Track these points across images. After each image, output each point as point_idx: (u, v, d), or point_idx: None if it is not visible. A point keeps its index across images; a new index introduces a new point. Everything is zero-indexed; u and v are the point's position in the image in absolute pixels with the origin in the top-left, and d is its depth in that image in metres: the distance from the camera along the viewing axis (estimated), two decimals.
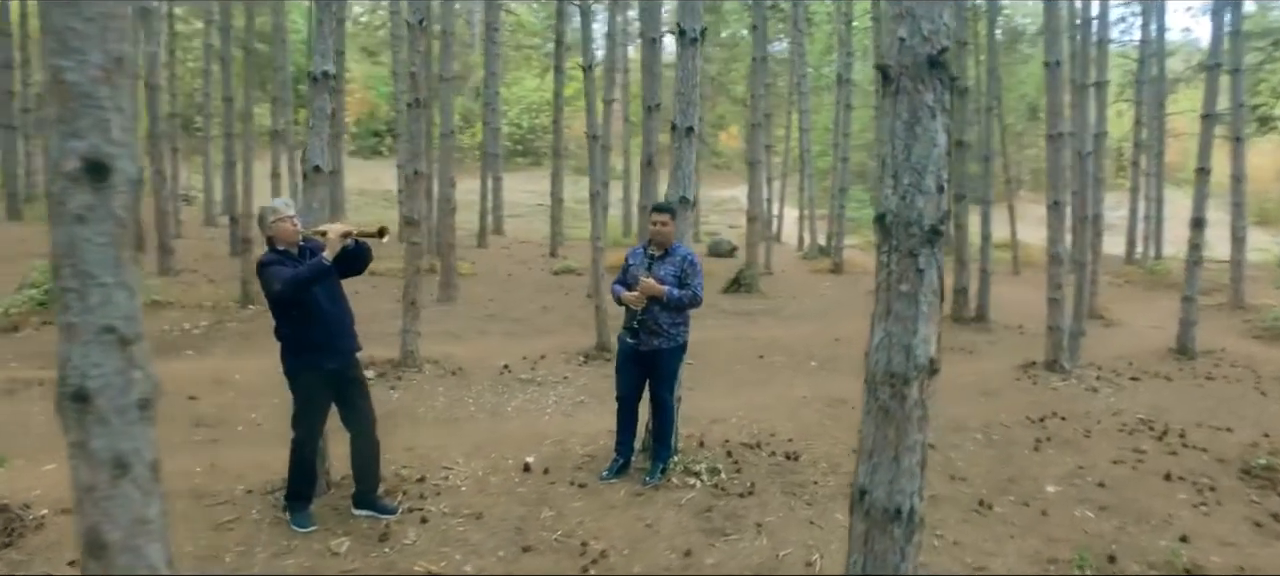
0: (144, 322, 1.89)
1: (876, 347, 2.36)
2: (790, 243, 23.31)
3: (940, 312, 2.36)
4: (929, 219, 2.28)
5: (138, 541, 1.82)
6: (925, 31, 2.27)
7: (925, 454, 2.38)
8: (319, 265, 3.91)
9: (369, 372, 7.43)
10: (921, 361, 2.29)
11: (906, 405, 2.30)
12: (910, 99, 2.28)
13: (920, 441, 2.33)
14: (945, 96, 2.30)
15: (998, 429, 6.51)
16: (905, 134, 2.30)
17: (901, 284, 2.31)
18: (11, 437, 5.60)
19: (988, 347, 10.01)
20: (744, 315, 11.80)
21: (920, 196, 2.29)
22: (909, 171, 2.29)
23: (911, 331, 2.29)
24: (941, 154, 2.30)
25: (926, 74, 2.27)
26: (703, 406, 6.96)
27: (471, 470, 5.20)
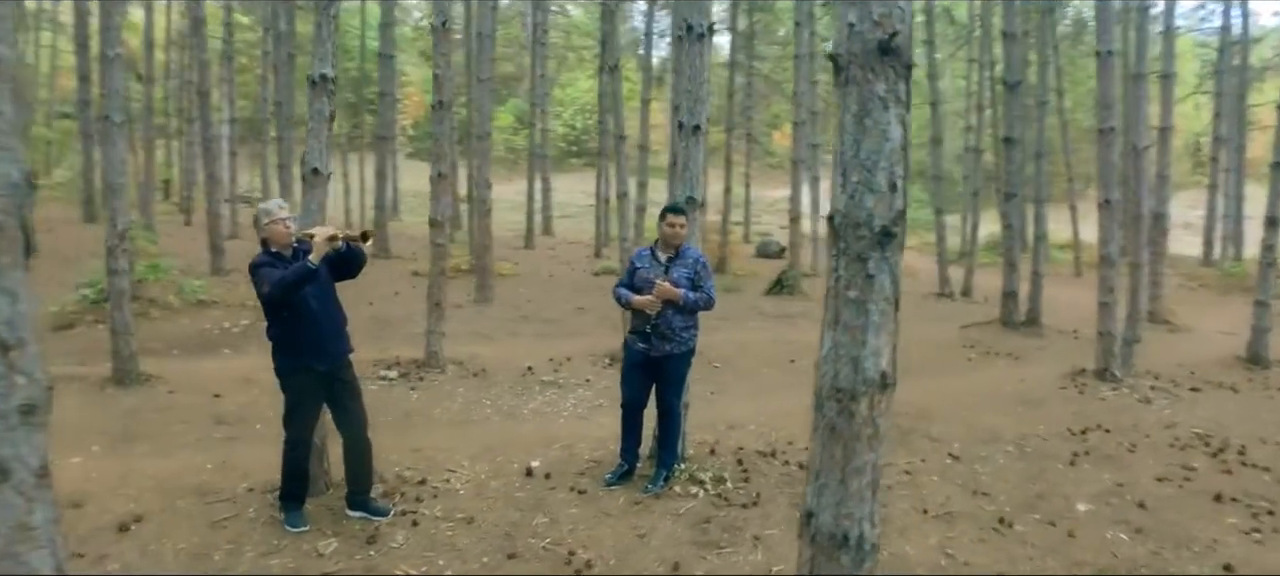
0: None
1: (824, 359, 2.19)
2: None
3: (895, 322, 2.16)
4: (880, 219, 2.10)
5: (19, 548, 1.78)
6: (876, 15, 2.09)
7: (878, 476, 2.18)
8: (303, 268, 3.92)
9: (391, 373, 7.52)
10: (871, 376, 2.11)
11: (854, 423, 2.12)
12: (860, 89, 2.11)
13: (871, 462, 2.14)
14: (900, 86, 2.12)
15: (1033, 441, 6.15)
16: (855, 127, 2.12)
17: (850, 290, 2.13)
18: None
19: (1036, 353, 9.53)
20: (783, 318, 11.53)
21: (870, 195, 2.10)
22: (858, 168, 2.11)
23: (860, 342, 2.11)
24: (895, 148, 2.11)
25: (877, 62, 2.09)
26: (722, 412, 6.79)
27: (474, 473, 5.16)
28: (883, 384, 2.13)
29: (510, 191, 28.96)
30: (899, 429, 6.34)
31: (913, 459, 5.68)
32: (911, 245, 20.60)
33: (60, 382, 6.96)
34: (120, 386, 6.74)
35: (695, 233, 5.34)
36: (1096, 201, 8.09)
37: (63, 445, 5.59)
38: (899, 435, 6.19)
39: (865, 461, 2.14)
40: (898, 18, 2.09)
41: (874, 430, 2.14)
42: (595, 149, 38.62)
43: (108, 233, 6.87)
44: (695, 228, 5.30)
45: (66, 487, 4.69)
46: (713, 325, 10.87)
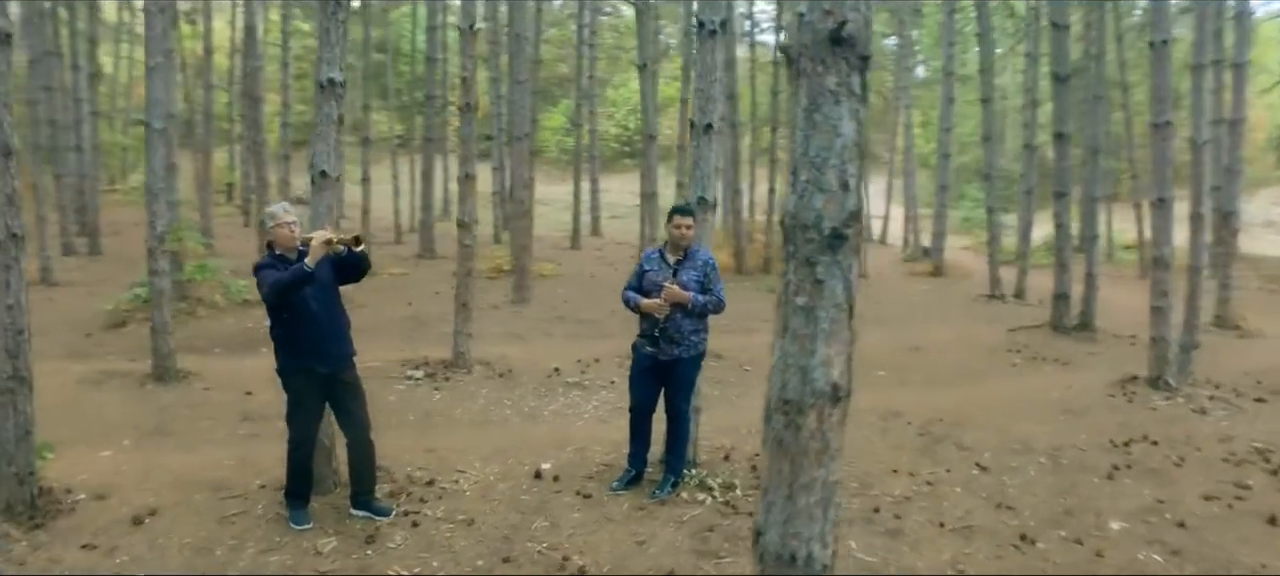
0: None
1: (774, 369, 2.08)
2: (899, 244, 22.23)
3: (849, 330, 2.03)
4: (830, 221, 1.98)
5: None
6: (827, 3, 1.97)
7: (830, 493, 2.06)
8: (299, 270, 3.97)
9: (417, 373, 7.61)
10: (820, 387, 1.99)
11: (801, 437, 2.00)
12: (810, 82, 1.99)
13: (821, 478, 2.02)
14: (854, 78, 1.99)
15: (1069, 452, 5.83)
16: (805, 123, 2.00)
17: (798, 296, 2.02)
18: (84, 424, 6.06)
19: (1086, 359, 9.08)
20: None
21: (820, 194, 1.99)
22: (808, 166, 2.00)
23: (808, 352, 1.99)
24: (847, 145, 1.99)
25: (828, 53, 1.97)
26: (746, 415, 6.64)
27: (484, 474, 5.16)
28: (834, 396, 2.00)
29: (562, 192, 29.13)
30: (929, 437, 6.11)
31: (937, 469, 5.45)
32: (966, 245, 19.96)
33: (105, 378, 7.27)
34: (159, 382, 6.98)
35: (707, 234, 5.23)
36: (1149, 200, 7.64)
37: (98, 438, 5.83)
38: (927, 444, 5.96)
39: (814, 478, 2.02)
40: (850, 6, 1.97)
41: (824, 445, 2.01)
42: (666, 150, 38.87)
43: (148, 235, 7.13)
44: (707, 229, 5.19)
45: (93, 480, 4.88)
46: (748, 326, 10.71)
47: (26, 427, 4.39)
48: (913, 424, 6.45)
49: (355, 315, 10.67)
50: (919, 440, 6.06)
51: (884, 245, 22.25)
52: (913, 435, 6.17)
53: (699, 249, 4.85)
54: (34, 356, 7.83)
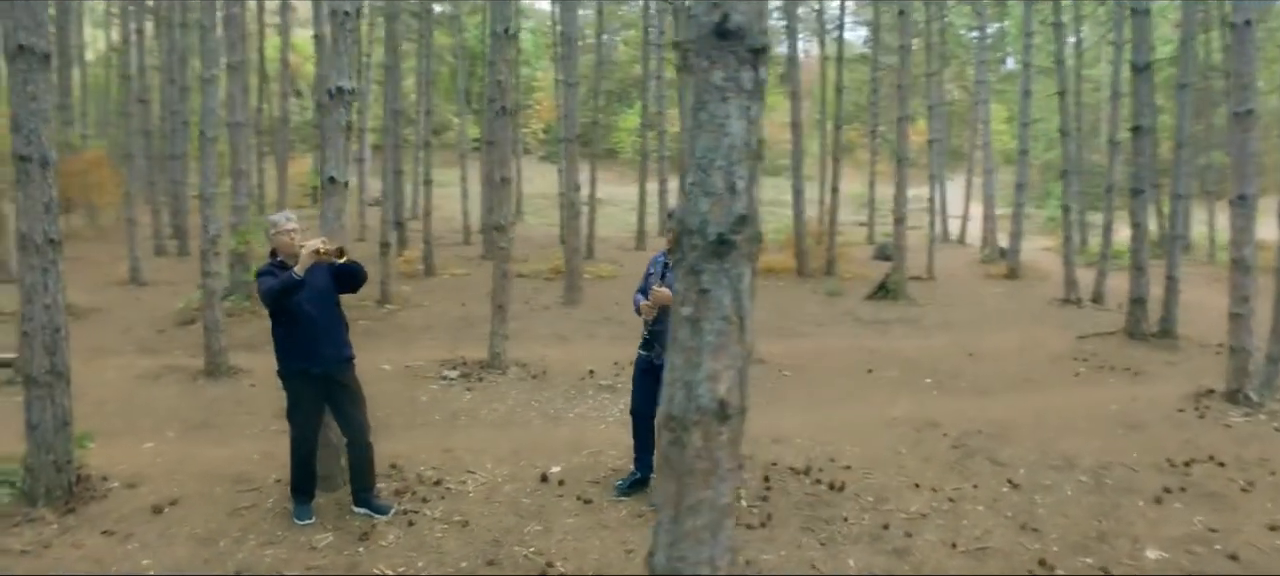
0: None
1: (666, 384, 1.98)
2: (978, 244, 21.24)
3: (741, 344, 1.91)
4: (716, 226, 1.87)
5: None
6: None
7: (721, 516, 1.94)
8: (287, 279, 4.11)
9: (452, 374, 7.75)
10: (705, 403, 1.88)
11: (686, 455, 1.90)
12: (698, 79, 1.89)
13: (709, 500, 1.91)
14: (744, 74, 1.88)
15: (1117, 471, 5.40)
16: (692, 122, 1.90)
17: (684, 307, 1.92)
18: (136, 416, 6.44)
19: (1161, 369, 8.41)
20: (877, 324, 10.87)
21: (705, 198, 1.88)
22: (694, 168, 1.89)
23: (693, 366, 1.89)
24: (735, 145, 1.87)
25: (714, 47, 1.87)
26: (774, 423, 6.46)
27: (492, 476, 5.19)
28: (721, 414, 1.89)
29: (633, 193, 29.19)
30: (963, 450, 5.78)
31: (963, 485, 5.14)
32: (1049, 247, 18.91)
33: (165, 372, 7.71)
34: (210, 378, 7.36)
35: None
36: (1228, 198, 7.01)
37: (145, 430, 6.18)
38: (959, 457, 5.64)
39: (701, 499, 1.91)
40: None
41: (711, 464, 1.90)
42: None
43: (201, 238, 7.51)
44: None
45: (130, 469, 5.17)
46: (798, 330, 10.44)
47: (64, 419, 4.68)
48: (949, 435, 6.12)
49: (410, 314, 11.02)
50: (952, 453, 5.75)
51: (963, 245, 21.31)
52: (946, 447, 5.86)
53: None
54: (108, 351, 8.37)
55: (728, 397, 1.90)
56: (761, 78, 1.90)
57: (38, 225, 4.53)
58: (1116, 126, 12.40)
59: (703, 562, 1.93)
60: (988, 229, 18.36)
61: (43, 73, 4.51)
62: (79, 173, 17.01)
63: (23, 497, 4.56)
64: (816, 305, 12.24)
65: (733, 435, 1.93)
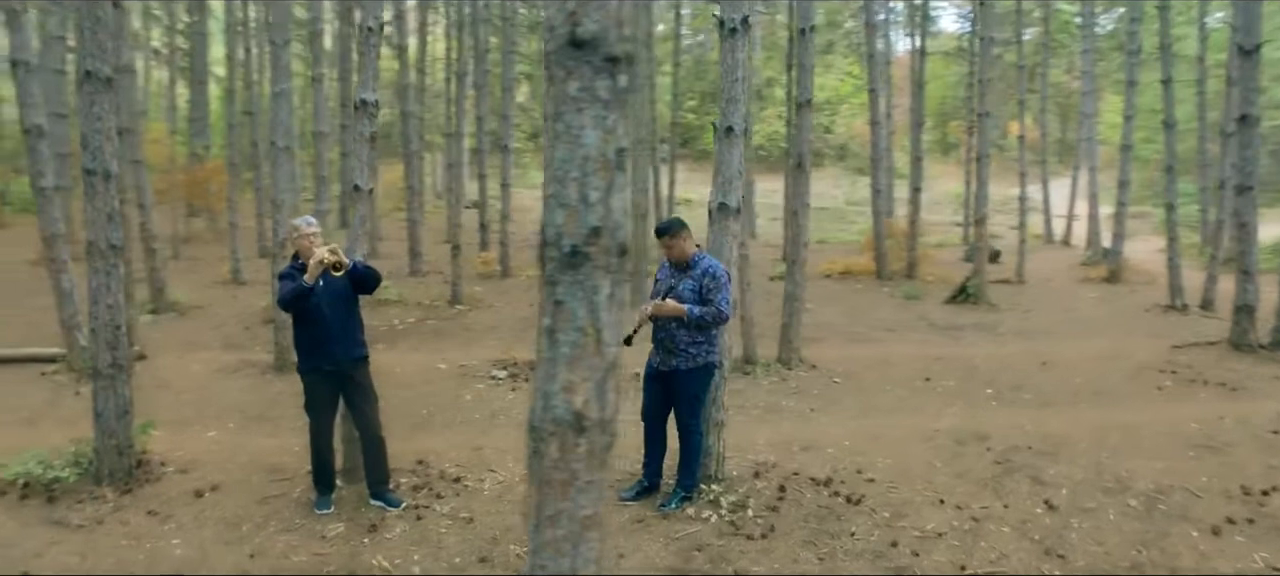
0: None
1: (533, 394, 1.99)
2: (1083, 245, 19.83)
3: (599, 356, 1.90)
4: (569, 238, 1.87)
5: None
6: (570, 6, 1.86)
7: (581, 528, 1.93)
8: (298, 287, 4.35)
9: (501, 373, 7.96)
10: (560, 415, 1.88)
11: (543, 466, 1.90)
12: (555, 89, 1.89)
13: (567, 512, 1.91)
14: (600, 84, 1.86)
15: (1176, 496, 4.95)
16: (550, 132, 1.91)
17: (543, 317, 1.92)
18: (204, 406, 6.97)
19: (1266, 385, 7.61)
20: (950, 329, 10.37)
21: (560, 209, 1.88)
22: (552, 179, 1.90)
23: (550, 376, 1.89)
24: (590, 156, 1.86)
25: (569, 57, 1.86)
26: (810, 431, 6.31)
27: (511, 475, 5.31)
28: (577, 425, 1.88)
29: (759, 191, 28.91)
30: (1005, 466, 5.45)
31: (994, 503, 4.86)
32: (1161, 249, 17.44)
33: (241, 367, 8.30)
34: (278, 373, 7.86)
35: (730, 242, 5.03)
36: None
37: (211, 420, 6.67)
38: (999, 473, 5.33)
39: (559, 510, 1.91)
40: (595, 6, 1.84)
41: (569, 475, 1.90)
42: (822, 150, 37.61)
43: (272, 241, 8.03)
44: (727, 237, 5.00)
45: (187, 456, 5.61)
46: (865, 334, 10.09)
47: (124, 407, 5.14)
48: (993, 449, 5.79)
49: (479, 315, 11.37)
50: (991, 469, 5.43)
51: (1068, 247, 19.96)
52: (986, 463, 5.54)
53: (703, 257, 4.68)
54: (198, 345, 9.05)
55: (584, 410, 1.89)
56: (620, 87, 1.88)
57: (102, 233, 4.98)
58: (1229, 116, 11.27)
59: (563, 573, 1.93)
60: (1092, 229, 17.12)
61: (106, 95, 4.96)
62: (201, 181, 18.55)
63: (89, 477, 5.04)
64: (890, 309, 11.79)
65: (592, 447, 1.91)
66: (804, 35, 7.87)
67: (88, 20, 4.83)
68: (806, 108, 7.98)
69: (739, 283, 8.86)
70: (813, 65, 7.95)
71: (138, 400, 6.92)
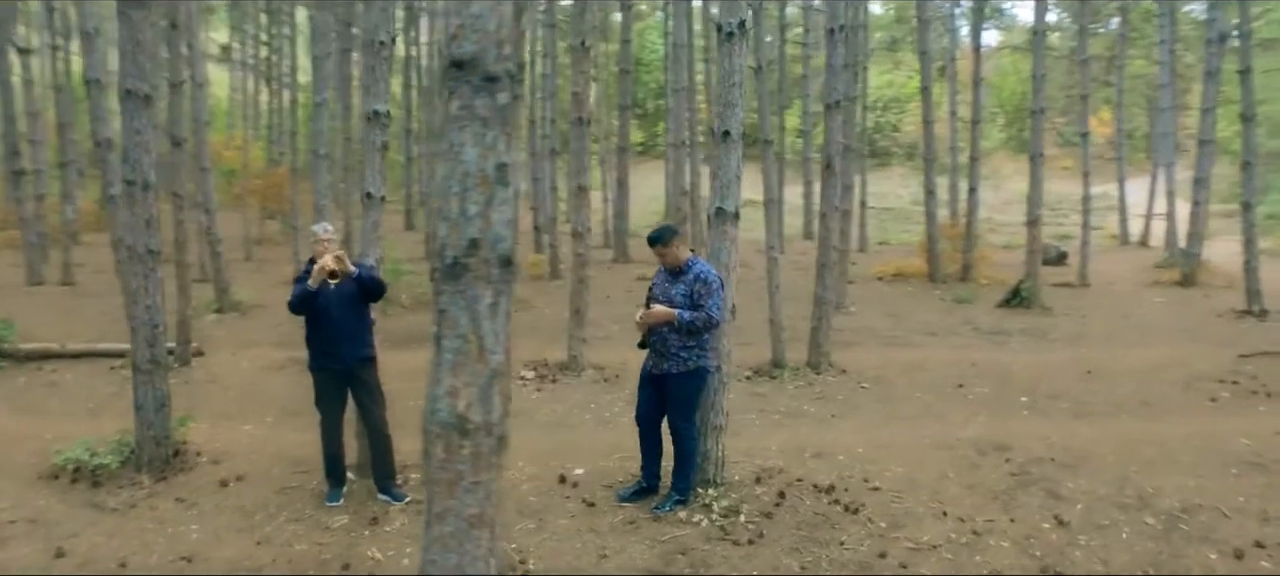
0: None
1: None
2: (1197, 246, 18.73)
3: (481, 362, 1.98)
4: (451, 250, 1.96)
5: None
6: (452, 28, 1.95)
7: (466, 527, 2.01)
8: (302, 289, 4.60)
9: (529, 375, 8.13)
10: (444, 418, 1.97)
11: (430, 465, 2.00)
12: (442, 109, 1.98)
13: (454, 510, 1.99)
14: (479, 103, 1.95)
15: (1203, 516, 4.70)
16: (442, 149, 2.00)
17: (433, 325, 2.02)
18: (247, 401, 7.37)
19: None
20: (996, 335, 10.01)
21: (443, 222, 1.97)
22: (439, 193, 1.99)
23: (435, 381, 1.99)
24: (469, 172, 1.95)
25: (453, 78, 1.95)
26: (823, 437, 6.23)
27: (518, 475, 5.43)
28: (461, 428, 1.96)
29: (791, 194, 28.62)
30: (1022, 478, 5.27)
31: (1000, 517, 4.71)
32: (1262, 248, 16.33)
33: (288, 364, 8.72)
34: None
35: (729, 247, 5.03)
36: None
37: (251, 414, 7.05)
38: (1013, 486, 5.15)
39: (446, 508, 2.00)
40: (472, 27, 1.93)
41: (454, 476, 1.98)
42: (887, 149, 36.68)
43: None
44: (726, 242, 5.00)
45: (222, 447, 5.95)
46: (904, 339, 9.86)
47: (161, 401, 5.50)
48: (1012, 461, 5.60)
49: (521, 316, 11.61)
50: (1006, 481, 5.26)
51: (1145, 248, 18.91)
52: (1002, 475, 5.36)
53: (696, 262, 4.70)
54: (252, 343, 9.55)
55: (467, 413, 1.97)
56: (500, 104, 1.95)
57: (140, 238, 5.36)
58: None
59: (450, 569, 2.02)
60: (1170, 229, 16.18)
61: (145, 112, 5.32)
62: (275, 186, 19.53)
63: (130, 464, 5.42)
64: (937, 312, 11.46)
65: (477, 449, 1.99)
66: (831, 36, 7.75)
67: (129, 44, 5.20)
68: (835, 109, 7.85)
69: (768, 286, 8.83)
70: (841, 66, 7.82)
71: (188, 393, 7.42)
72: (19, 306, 10.90)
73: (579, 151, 8.19)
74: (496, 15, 1.92)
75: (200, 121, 10.66)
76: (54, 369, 8.31)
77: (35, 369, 8.23)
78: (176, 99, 8.75)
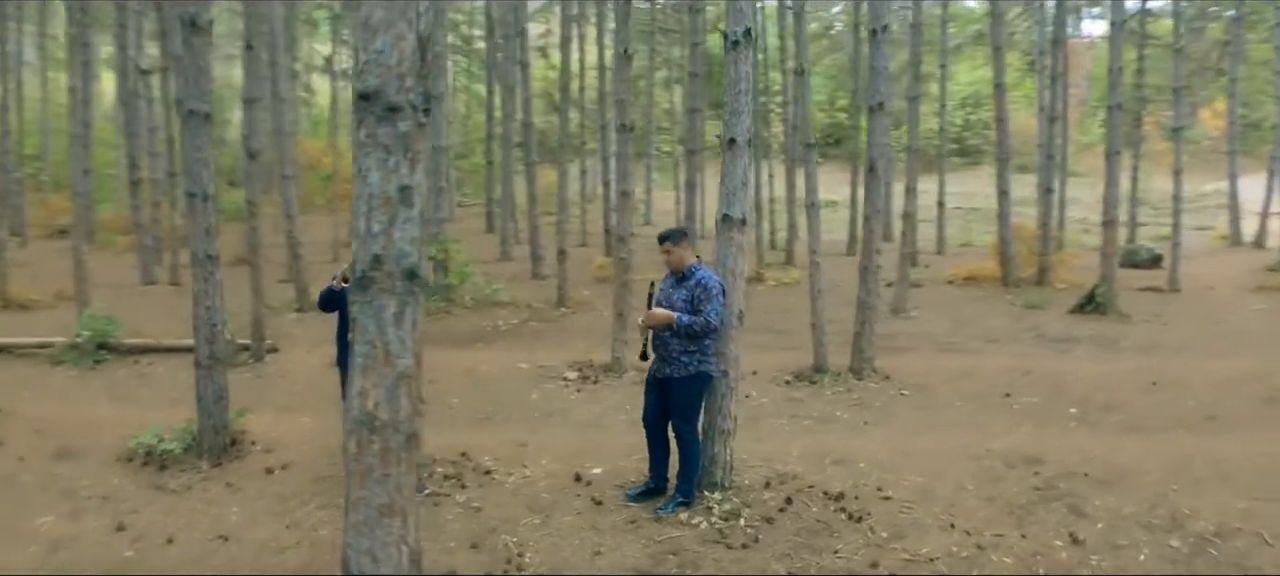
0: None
1: None
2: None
3: (388, 366, 2.17)
4: (359, 265, 2.16)
5: None
6: (359, 64, 2.16)
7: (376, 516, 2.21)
8: (326, 289, 4.96)
9: (572, 375, 8.37)
10: (355, 415, 2.18)
11: (347, 457, 2.21)
12: (352, 137, 2.19)
13: (365, 498, 2.20)
14: (382, 131, 2.14)
15: (1240, 540, 4.45)
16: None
17: (349, 332, 2.22)
18: (309, 394, 7.91)
19: None
20: (1062, 342, 9.56)
21: (356, 239, 2.18)
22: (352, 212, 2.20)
23: (351, 382, 2.20)
24: (373, 194, 2.15)
25: (360, 110, 2.16)
26: (845, 444, 6.18)
27: (536, 472, 5.65)
28: (370, 425, 2.17)
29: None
30: (1046, 494, 5.10)
31: (1010, 532, 4.58)
32: None
33: None
34: None
35: (734, 253, 5.09)
36: None
37: (309, 407, 7.56)
38: (1035, 502, 4.99)
39: (359, 497, 2.21)
40: (376, 63, 2.12)
41: (366, 469, 2.19)
42: (979, 147, 35.17)
43: None
44: (731, 248, 5.06)
45: (277, 437, 6.43)
46: (961, 345, 9.56)
47: (220, 393, 6.02)
48: (1043, 474, 5.40)
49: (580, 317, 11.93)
50: (1029, 496, 5.09)
51: (1260, 249, 17.47)
52: (1025, 489, 5.19)
53: (698, 268, 4.79)
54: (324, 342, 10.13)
55: (375, 412, 2.16)
56: (402, 132, 2.13)
57: (201, 245, 5.88)
58: None
59: (363, 552, 2.22)
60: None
61: (206, 129, 5.85)
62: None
63: (192, 451, 5.96)
64: (1004, 318, 11.01)
65: (385, 445, 2.18)
66: (875, 37, 7.62)
67: (190, 68, 5.72)
68: (879, 111, 7.72)
69: (810, 290, 8.75)
70: (884, 67, 7.68)
71: (258, 387, 8.03)
72: (131, 305, 12.02)
73: (623, 157, 8.37)
74: (398, 51, 2.10)
75: (283, 133, 11.45)
76: (150, 362, 9.15)
77: (133, 362, 9.08)
78: (250, 113, 9.46)
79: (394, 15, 2.08)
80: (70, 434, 6.46)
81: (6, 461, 5.99)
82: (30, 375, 8.71)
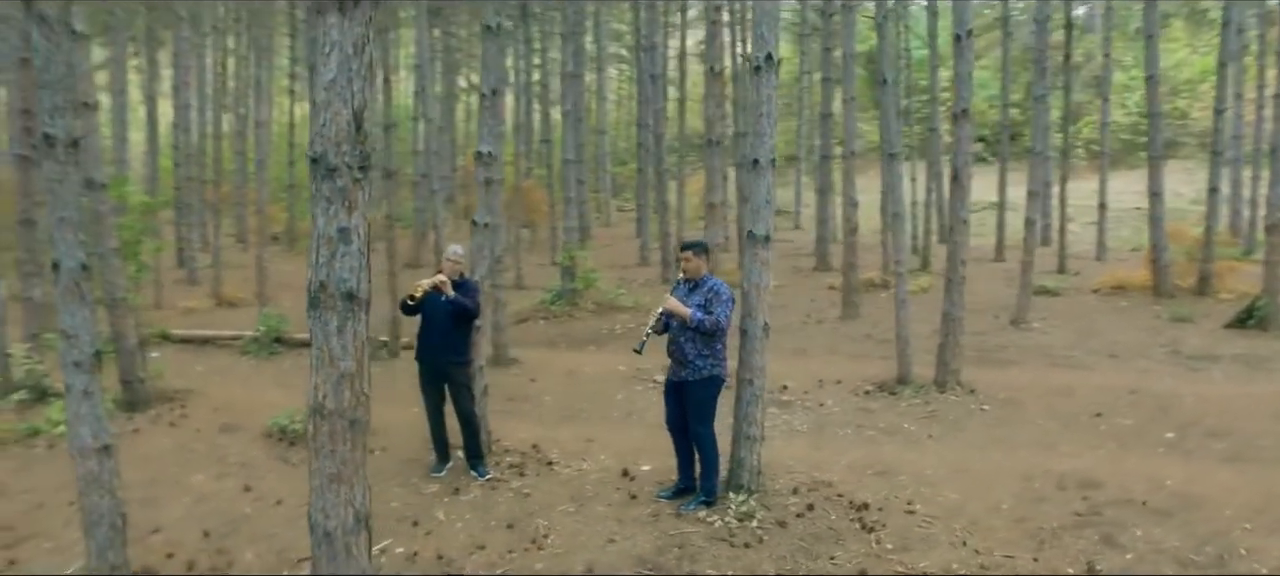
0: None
1: None
2: None
3: (332, 366, 2.79)
4: (311, 288, 2.80)
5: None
6: (311, 135, 2.80)
7: (327, 481, 2.84)
8: (403, 301, 5.76)
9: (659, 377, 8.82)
10: (310, 404, 2.82)
11: (308, 439, 2.86)
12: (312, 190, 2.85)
13: (319, 470, 2.83)
14: (325, 187, 2.77)
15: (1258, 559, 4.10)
16: None
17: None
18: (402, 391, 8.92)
19: None
20: (1199, 360, 8.70)
21: (309, 268, 2.82)
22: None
23: (309, 378, 2.84)
24: (321, 234, 2.77)
25: (311, 170, 2.80)
26: (898, 457, 6.20)
27: (592, 465, 6.18)
28: (320, 412, 2.80)
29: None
30: (1085, 520, 4.94)
31: (1024, 557, 4.52)
32: None
33: None
34: (496, 366, 9.65)
35: (760, 269, 5.34)
36: None
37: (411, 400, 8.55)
38: (1068, 527, 4.86)
39: (314, 468, 2.85)
40: (319, 135, 2.76)
41: (319, 446, 2.83)
42: (1169, 138, 31.30)
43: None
44: (757, 264, 5.33)
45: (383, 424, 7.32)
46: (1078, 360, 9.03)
47: None
48: (1092, 500, 5.20)
49: None
50: (1067, 520, 4.96)
51: None
52: (1065, 514, 5.04)
53: (709, 278, 5.15)
54: None
55: (324, 402, 2.79)
56: (340, 187, 2.74)
57: None
58: None
59: (319, 510, 2.85)
60: None
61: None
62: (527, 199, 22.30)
63: None
64: (1139, 331, 10.12)
65: (332, 428, 2.80)
66: (959, 41, 7.43)
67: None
68: (964, 117, 7.52)
69: (893, 300, 8.62)
70: (969, 72, 7.45)
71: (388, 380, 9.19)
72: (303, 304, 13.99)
73: (712, 170, 8.72)
74: (336, 125, 2.71)
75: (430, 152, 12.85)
76: None
77: (298, 354, 10.67)
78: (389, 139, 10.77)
79: (332, 96, 2.70)
80: (237, 412, 7.82)
81: (187, 432, 7.41)
82: (224, 363, 10.52)
